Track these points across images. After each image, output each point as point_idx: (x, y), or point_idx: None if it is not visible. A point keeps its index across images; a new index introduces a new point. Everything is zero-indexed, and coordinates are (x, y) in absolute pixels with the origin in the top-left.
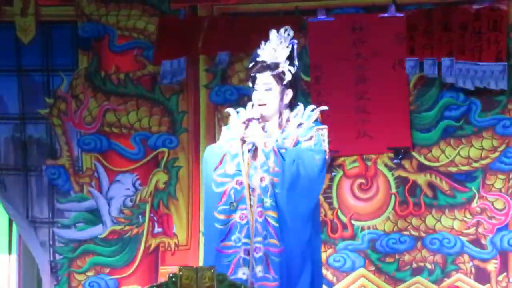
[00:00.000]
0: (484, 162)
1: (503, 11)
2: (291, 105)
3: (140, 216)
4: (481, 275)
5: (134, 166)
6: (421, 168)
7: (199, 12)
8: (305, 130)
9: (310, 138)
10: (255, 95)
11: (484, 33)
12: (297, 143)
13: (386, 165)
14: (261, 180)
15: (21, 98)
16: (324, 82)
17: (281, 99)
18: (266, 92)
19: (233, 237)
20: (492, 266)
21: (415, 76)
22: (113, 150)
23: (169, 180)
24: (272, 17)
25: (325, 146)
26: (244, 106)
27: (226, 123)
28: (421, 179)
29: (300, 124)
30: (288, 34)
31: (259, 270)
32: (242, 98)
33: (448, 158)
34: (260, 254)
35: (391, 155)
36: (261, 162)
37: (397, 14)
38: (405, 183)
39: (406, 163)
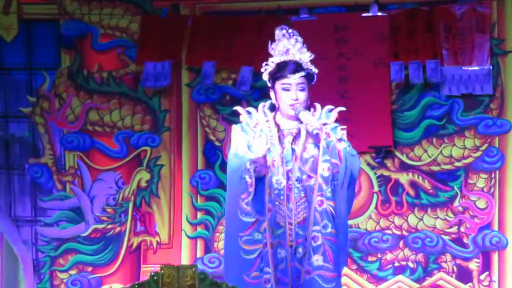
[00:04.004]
0: (466, 161)
1: (485, 11)
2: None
3: (122, 215)
4: (463, 274)
5: (116, 164)
6: (404, 167)
7: (181, 10)
8: (331, 131)
9: (340, 140)
10: (288, 95)
11: (468, 35)
12: None
13: (368, 164)
14: (323, 169)
15: (3, 97)
16: None
17: (308, 99)
18: (300, 92)
19: (261, 266)
20: (474, 265)
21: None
22: (96, 148)
23: (151, 179)
24: (255, 16)
25: None
26: (226, 105)
27: (208, 121)
28: (404, 178)
29: (324, 124)
30: (293, 34)
31: (316, 258)
32: (224, 96)
33: (430, 157)
34: (319, 242)
35: (374, 154)
36: (322, 152)
37: (380, 14)
38: (388, 182)
39: (388, 162)
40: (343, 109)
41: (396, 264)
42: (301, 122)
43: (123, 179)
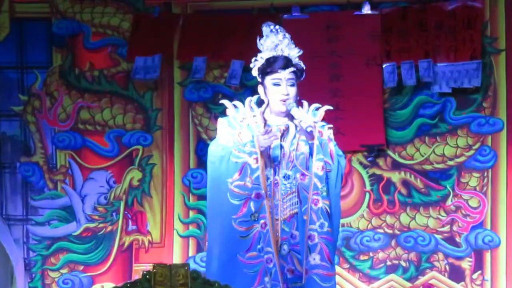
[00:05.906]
0: (459, 160)
1: (478, 9)
2: None
3: (114, 214)
4: (456, 273)
5: (108, 163)
6: (396, 166)
7: (173, 9)
8: (322, 129)
9: (329, 139)
10: (279, 91)
11: (459, 32)
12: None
13: (360, 163)
14: (317, 168)
15: None
16: None
17: (297, 96)
18: (290, 88)
19: (258, 247)
20: (466, 264)
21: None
22: (87, 147)
23: (143, 178)
24: (248, 14)
25: None
26: (218, 104)
27: (200, 120)
28: (396, 177)
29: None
30: (280, 30)
31: (313, 257)
32: (216, 95)
33: (422, 156)
34: (315, 241)
35: (366, 152)
36: (317, 151)
37: (372, 12)
38: (380, 180)
39: (380, 161)
40: (330, 107)
41: (388, 263)
42: (291, 119)
43: (115, 178)
